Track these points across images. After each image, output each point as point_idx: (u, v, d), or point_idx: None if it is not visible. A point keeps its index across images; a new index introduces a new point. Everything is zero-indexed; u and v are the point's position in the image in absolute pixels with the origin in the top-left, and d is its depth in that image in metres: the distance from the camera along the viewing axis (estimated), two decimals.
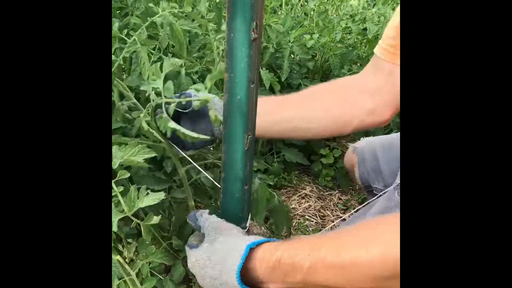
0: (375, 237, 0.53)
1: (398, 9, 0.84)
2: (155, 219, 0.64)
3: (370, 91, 0.87)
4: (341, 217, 1.51)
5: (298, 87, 1.50)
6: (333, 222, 1.43)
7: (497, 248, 0.41)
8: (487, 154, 0.43)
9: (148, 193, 0.61)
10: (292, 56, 1.49)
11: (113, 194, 0.60)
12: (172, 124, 0.62)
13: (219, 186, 0.69)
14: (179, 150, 0.74)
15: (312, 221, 1.45)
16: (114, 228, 0.59)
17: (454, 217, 0.43)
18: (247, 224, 0.70)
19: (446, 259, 0.43)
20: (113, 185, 0.59)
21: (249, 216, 0.71)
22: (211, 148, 0.88)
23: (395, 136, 1.20)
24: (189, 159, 0.75)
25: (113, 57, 0.67)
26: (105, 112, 0.49)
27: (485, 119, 0.44)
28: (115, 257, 0.72)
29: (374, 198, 1.01)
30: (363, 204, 1.02)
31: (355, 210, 1.25)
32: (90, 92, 0.48)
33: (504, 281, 0.41)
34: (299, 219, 1.43)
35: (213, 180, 0.78)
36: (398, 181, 0.96)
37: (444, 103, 0.45)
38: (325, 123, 0.88)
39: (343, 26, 1.60)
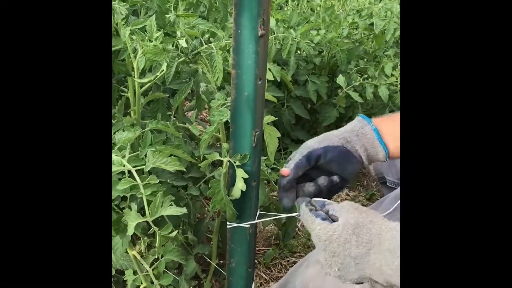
0: None
1: None
2: (172, 233, 0.63)
3: None
4: None
5: (304, 83, 1.50)
6: None
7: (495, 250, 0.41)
8: (486, 155, 0.43)
9: (172, 204, 0.61)
10: (299, 52, 1.49)
11: (138, 196, 0.59)
12: None
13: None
14: None
15: None
16: (130, 231, 0.59)
17: (454, 218, 0.43)
18: (255, 220, 0.70)
19: (445, 261, 0.43)
20: (141, 189, 0.59)
21: (257, 212, 0.71)
22: None
23: None
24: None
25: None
26: (104, 107, 0.49)
27: (484, 120, 0.43)
28: (131, 252, 0.72)
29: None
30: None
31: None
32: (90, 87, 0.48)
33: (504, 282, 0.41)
34: None
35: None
36: None
37: (444, 104, 0.45)
38: None
39: (349, 22, 1.59)
